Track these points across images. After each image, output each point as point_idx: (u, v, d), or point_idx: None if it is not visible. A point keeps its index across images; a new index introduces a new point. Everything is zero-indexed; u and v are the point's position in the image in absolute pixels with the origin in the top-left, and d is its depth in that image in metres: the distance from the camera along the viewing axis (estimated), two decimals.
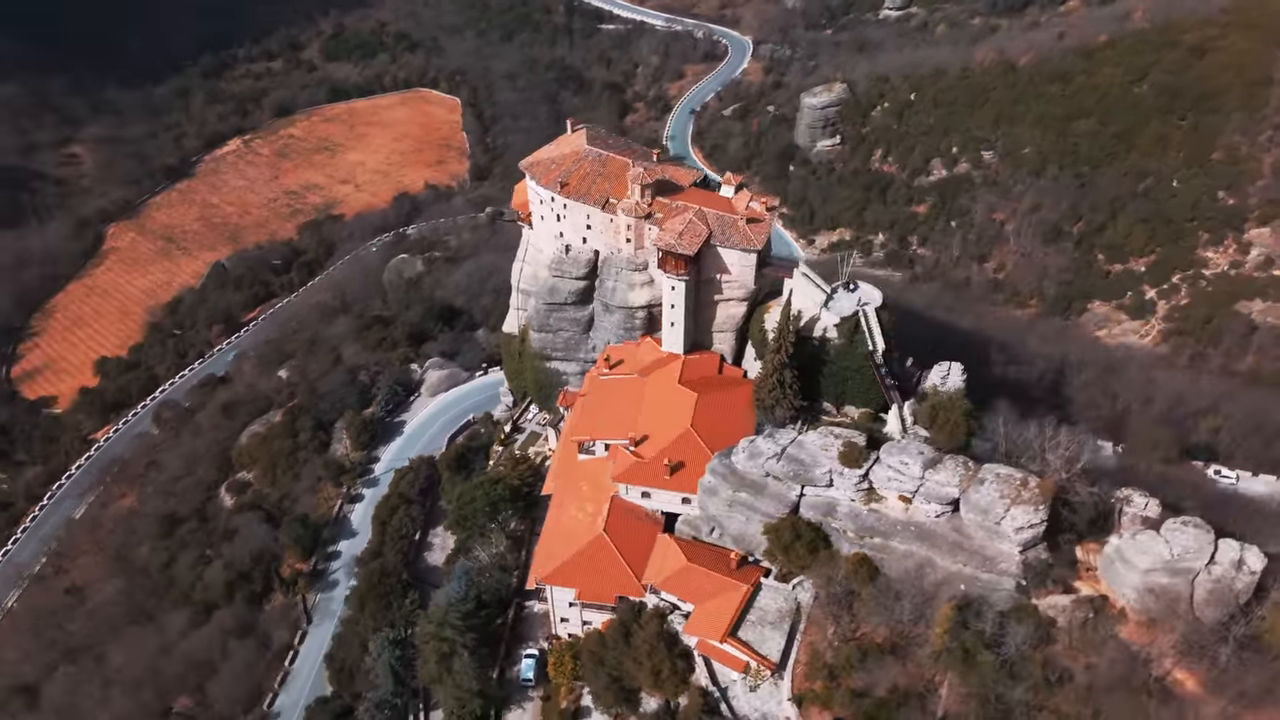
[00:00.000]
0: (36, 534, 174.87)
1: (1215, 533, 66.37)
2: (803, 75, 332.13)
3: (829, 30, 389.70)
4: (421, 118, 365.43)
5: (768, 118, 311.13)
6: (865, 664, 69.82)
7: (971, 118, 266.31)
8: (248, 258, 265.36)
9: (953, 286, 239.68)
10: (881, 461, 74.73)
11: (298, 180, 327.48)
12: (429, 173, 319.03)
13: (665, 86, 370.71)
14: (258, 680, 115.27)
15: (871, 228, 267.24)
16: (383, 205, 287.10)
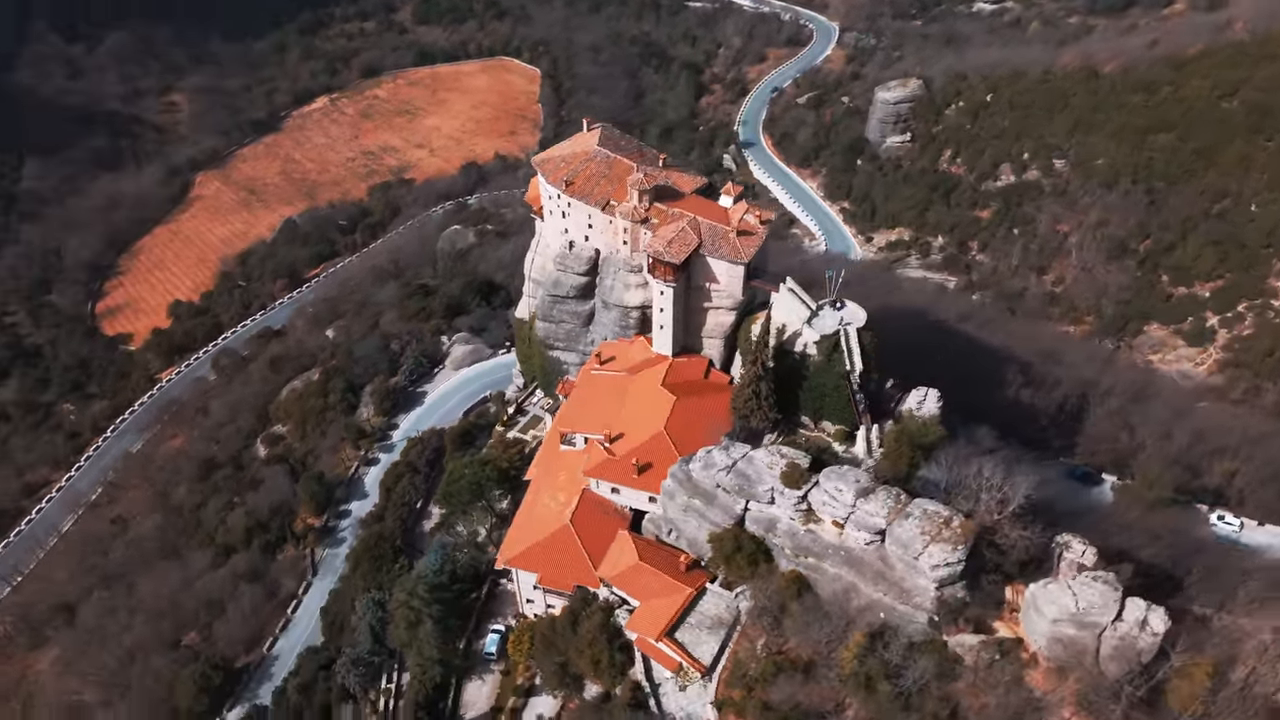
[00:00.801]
0: (97, 464, 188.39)
1: (1124, 590, 66.82)
2: (883, 67, 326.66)
3: (918, 21, 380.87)
4: (501, 86, 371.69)
5: (841, 109, 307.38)
6: (778, 678, 72.54)
7: (1047, 123, 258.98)
8: (318, 215, 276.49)
9: (1006, 296, 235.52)
10: (820, 485, 76.72)
11: (376, 141, 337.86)
12: (501, 143, 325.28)
13: (745, 69, 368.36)
14: (262, 624, 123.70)
15: (932, 229, 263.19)
16: (451, 172, 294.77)
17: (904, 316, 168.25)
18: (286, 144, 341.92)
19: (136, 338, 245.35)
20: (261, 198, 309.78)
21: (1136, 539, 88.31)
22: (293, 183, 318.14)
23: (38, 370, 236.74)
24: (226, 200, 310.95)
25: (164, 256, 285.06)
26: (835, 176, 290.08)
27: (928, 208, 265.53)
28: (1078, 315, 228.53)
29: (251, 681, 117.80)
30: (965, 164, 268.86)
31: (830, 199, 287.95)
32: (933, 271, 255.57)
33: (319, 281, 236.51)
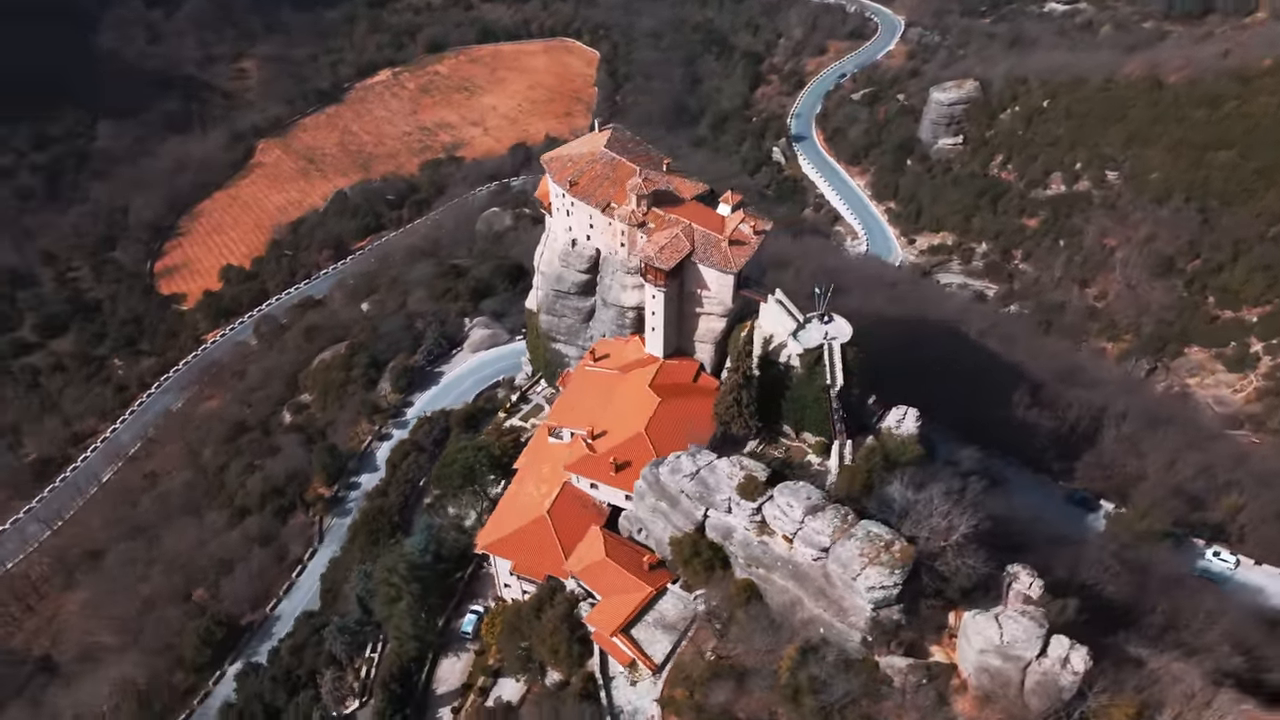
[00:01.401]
0: (140, 419, 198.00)
1: (1052, 627, 67.64)
2: (943, 66, 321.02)
3: (987, 19, 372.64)
4: (559, 68, 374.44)
5: (895, 107, 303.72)
6: (714, 682, 75.02)
7: (1103, 133, 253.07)
8: (369, 188, 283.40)
9: (1045, 308, 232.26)
10: (774, 499, 78.56)
11: (433, 117, 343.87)
12: (554, 124, 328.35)
13: (804, 61, 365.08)
14: (268, 585, 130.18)
15: (976, 235, 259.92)
16: (501, 152, 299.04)
17: (924, 326, 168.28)
18: (347, 115, 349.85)
19: (189, 298, 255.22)
20: (319, 167, 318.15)
21: (1104, 572, 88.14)
22: (349, 154, 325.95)
23: (95, 325, 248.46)
24: (285, 168, 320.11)
25: (222, 220, 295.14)
26: (884, 176, 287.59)
27: (974, 213, 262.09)
28: (1117, 332, 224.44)
29: (254, 639, 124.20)
30: (1016, 170, 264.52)
31: (877, 198, 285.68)
32: (974, 278, 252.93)
33: (362, 254, 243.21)
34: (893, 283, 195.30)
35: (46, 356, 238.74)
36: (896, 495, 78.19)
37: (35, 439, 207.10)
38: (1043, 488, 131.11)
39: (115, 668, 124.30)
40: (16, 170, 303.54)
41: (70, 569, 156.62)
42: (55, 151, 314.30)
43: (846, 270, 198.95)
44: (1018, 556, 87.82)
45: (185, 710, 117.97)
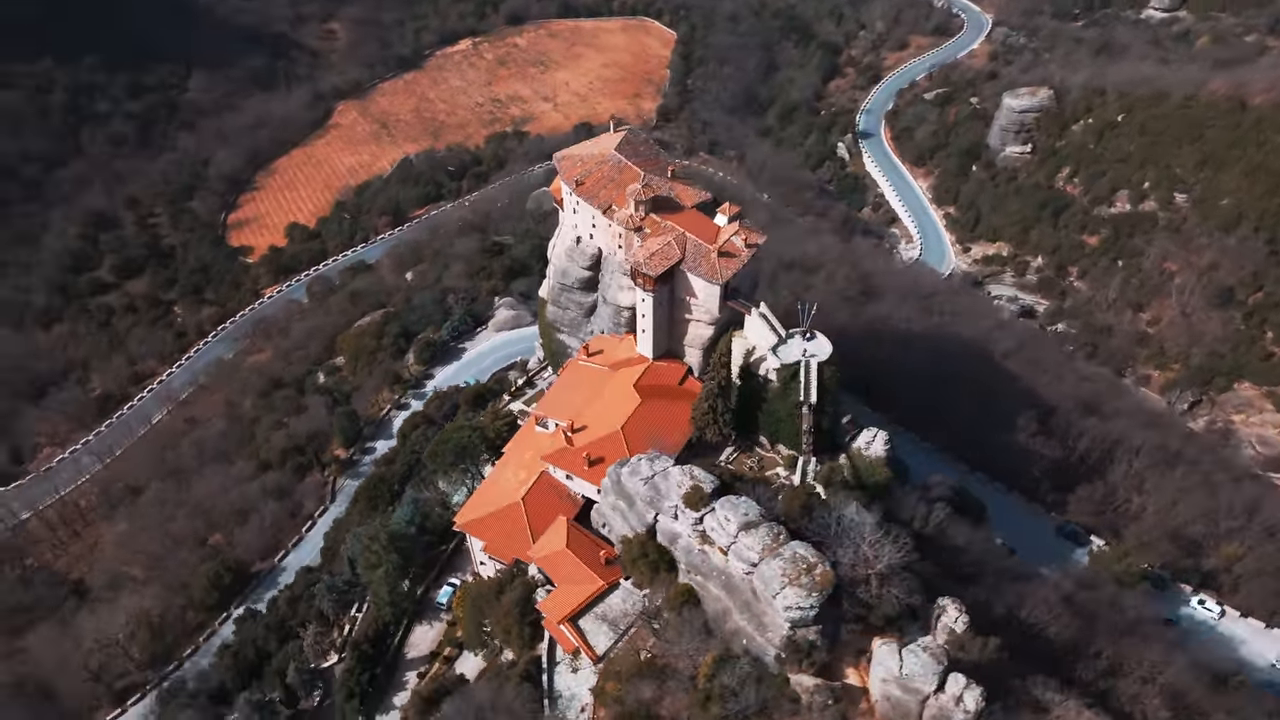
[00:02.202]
0: (193, 366, 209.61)
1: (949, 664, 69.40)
2: (1024, 69, 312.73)
3: (1079, 22, 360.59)
4: (636, 47, 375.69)
5: (966, 110, 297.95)
6: (637, 679, 78.90)
7: (1176, 153, 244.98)
8: (433, 157, 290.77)
9: (1094, 329, 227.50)
10: (715, 511, 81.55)
11: (506, 90, 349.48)
12: (621, 105, 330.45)
13: (883, 55, 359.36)
14: (278, 538, 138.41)
15: (1033, 248, 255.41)
16: (566, 129, 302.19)
17: (950, 342, 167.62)
18: (424, 82, 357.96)
19: (255, 252, 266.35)
20: (391, 132, 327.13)
21: (1047, 612, 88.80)
22: (422, 121, 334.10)
23: (168, 270, 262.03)
24: (360, 131, 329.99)
25: (295, 178, 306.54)
26: (947, 180, 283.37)
27: (1033, 225, 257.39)
28: (1165, 360, 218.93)
29: (260, 586, 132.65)
30: (1081, 185, 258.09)
31: (937, 203, 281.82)
32: (1025, 292, 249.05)
33: (418, 223, 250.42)
34: (929, 293, 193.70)
35: (120, 297, 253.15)
36: (830, 520, 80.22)
37: (102, 375, 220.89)
38: (1034, 517, 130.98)
39: (136, 598, 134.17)
40: (112, 117, 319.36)
41: (114, 502, 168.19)
42: (149, 101, 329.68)
43: (882, 276, 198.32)
44: (963, 588, 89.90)
45: (191, 645, 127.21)
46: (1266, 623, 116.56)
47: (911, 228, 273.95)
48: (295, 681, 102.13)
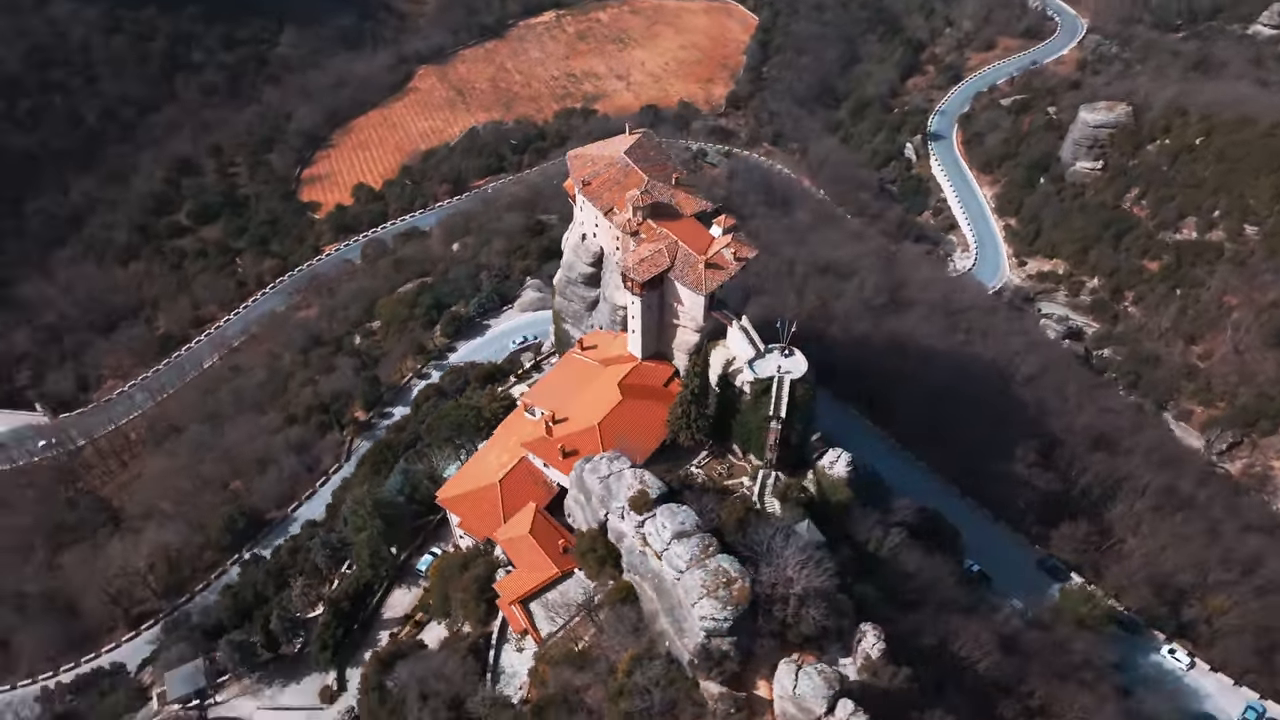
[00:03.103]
0: (248, 316, 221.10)
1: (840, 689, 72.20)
2: (1110, 81, 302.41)
3: (1180, 34, 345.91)
4: (716, 30, 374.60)
5: (1041, 119, 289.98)
6: (562, 666, 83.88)
7: (1253, 183, 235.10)
8: (500, 129, 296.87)
9: (1141, 357, 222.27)
10: (655, 517, 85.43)
11: (583, 65, 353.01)
12: (694, 89, 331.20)
13: (967, 55, 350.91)
14: (294, 490, 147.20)
15: (1090, 269, 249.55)
16: (633, 111, 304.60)
17: (971, 361, 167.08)
18: (504, 52, 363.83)
19: (323, 208, 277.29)
20: (466, 101, 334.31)
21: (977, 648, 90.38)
22: (498, 91, 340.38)
23: (240, 219, 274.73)
24: (437, 97, 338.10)
25: (369, 139, 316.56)
26: (1012, 190, 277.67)
27: (1093, 244, 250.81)
28: (1210, 397, 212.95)
29: (271, 534, 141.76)
30: (1149, 207, 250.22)
31: (999, 213, 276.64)
32: (1077, 313, 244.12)
33: (475, 194, 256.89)
34: (959, 309, 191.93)
35: (194, 242, 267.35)
36: (764, 537, 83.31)
37: (167, 316, 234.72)
38: (1018, 548, 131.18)
39: (161, 531, 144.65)
40: (205, 67, 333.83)
41: (158, 439, 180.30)
42: (241, 53, 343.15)
43: (916, 288, 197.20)
44: (902, 614, 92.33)
45: (203, 582, 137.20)
46: (1236, 679, 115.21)
47: (969, 236, 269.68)
48: (277, 628, 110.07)
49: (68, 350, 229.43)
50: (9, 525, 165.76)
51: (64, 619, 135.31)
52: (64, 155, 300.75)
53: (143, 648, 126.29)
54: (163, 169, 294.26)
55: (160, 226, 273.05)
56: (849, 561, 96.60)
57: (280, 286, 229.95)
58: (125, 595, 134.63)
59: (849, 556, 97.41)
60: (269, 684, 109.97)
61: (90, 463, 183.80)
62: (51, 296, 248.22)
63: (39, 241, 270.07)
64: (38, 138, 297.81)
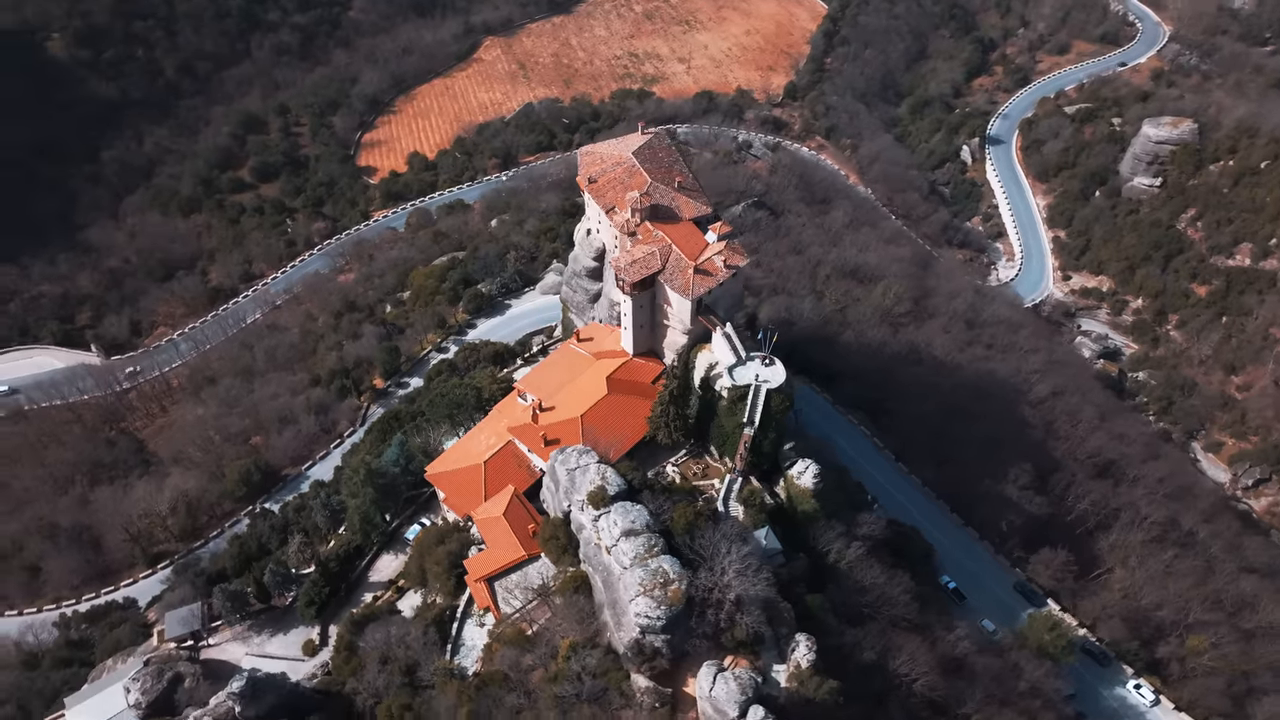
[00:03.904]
0: (293, 275, 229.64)
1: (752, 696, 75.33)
2: (1184, 94, 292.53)
3: (1268, 47, 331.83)
4: (783, 17, 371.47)
5: (1104, 130, 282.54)
6: (508, 647, 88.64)
7: None
8: (554, 106, 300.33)
9: (1174, 383, 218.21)
10: (609, 513, 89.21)
11: (646, 46, 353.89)
12: (753, 76, 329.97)
13: (1038, 58, 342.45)
14: (309, 449, 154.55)
15: (1135, 288, 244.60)
16: (688, 96, 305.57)
17: (984, 379, 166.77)
18: (570, 28, 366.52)
19: (378, 174, 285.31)
20: (528, 74, 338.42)
21: (914, 667, 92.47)
22: (559, 67, 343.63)
23: (299, 179, 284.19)
24: (500, 69, 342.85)
25: (430, 107, 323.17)
26: (1065, 201, 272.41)
27: (1142, 264, 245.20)
28: (1243, 430, 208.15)
29: (283, 489, 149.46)
30: (1204, 230, 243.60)
31: (1050, 223, 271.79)
32: (1117, 332, 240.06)
33: (521, 171, 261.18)
34: (989, 322, 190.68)
35: (254, 199, 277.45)
36: (709, 542, 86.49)
37: (219, 269, 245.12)
38: (997, 569, 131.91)
39: (184, 478, 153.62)
40: (280, 27, 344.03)
41: (196, 388, 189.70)
42: (314, 15, 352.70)
43: (947, 296, 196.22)
44: (849, 627, 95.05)
45: (217, 530, 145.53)
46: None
47: (1016, 246, 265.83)
48: (269, 580, 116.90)
49: (126, 295, 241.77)
50: (55, 458, 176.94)
51: (89, 552, 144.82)
52: (142, 105, 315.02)
53: (155, 586, 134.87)
54: (230, 125, 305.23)
55: (223, 181, 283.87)
56: (804, 571, 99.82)
57: (327, 249, 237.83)
58: (145, 535, 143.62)
59: (805, 566, 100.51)
60: (259, 632, 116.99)
61: (133, 405, 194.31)
62: (117, 242, 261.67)
63: (111, 188, 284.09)
64: (118, 87, 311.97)
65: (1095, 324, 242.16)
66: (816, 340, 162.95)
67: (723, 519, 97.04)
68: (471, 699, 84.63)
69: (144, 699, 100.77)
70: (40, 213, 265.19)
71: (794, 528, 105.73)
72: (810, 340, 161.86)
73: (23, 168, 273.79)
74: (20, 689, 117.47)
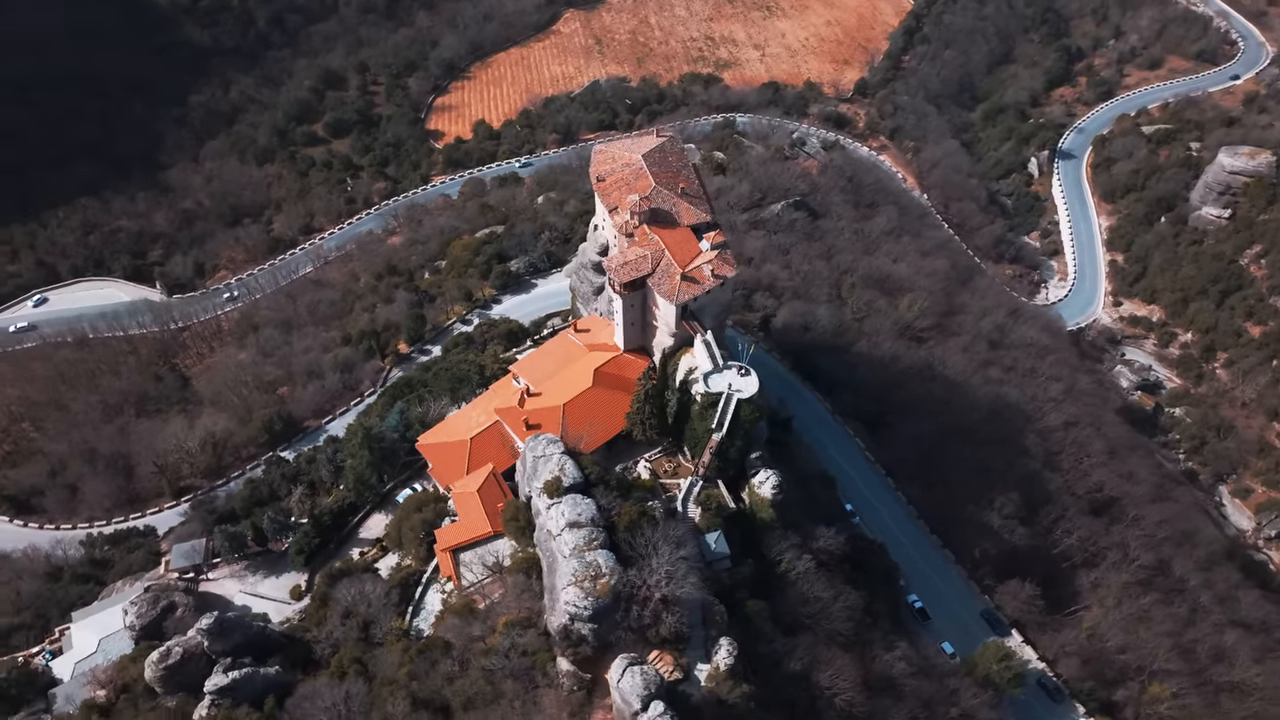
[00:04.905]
0: (348, 233, 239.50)
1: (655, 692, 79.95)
2: (1271, 123, 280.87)
3: None
4: (868, 10, 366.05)
5: (1180, 154, 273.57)
6: (453, 616, 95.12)
7: None
8: (621, 85, 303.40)
9: (1208, 424, 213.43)
10: (560, 503, 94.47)
11: (723, 29, 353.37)
12: (827, 70, 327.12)
13: (1126, 71, 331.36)
14: (331, 404, 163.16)
15: (1187, 322, 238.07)
16: (756, 84, 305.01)
17: (998, 402, 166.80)
18: (650, 6, 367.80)
19: (443, 139, 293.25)
20: (602, 51, 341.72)
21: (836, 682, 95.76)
22: (635, 45, 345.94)
23: (369, 137, 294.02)
24: (576, 43, 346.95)
25: (503, 76, 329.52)
26: (1128, 224, 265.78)
27: (1197, 298, 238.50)
28: (1278, 479, 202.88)
29: (301, 440, 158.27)
30: (1268, 268, 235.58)
31: (1109, 245, 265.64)
32: (1161, 364, 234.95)
33: (578, 149, 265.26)
34: (1014, 344, 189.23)
35: (324, 154, 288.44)
36: (647, 540, 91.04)
37: (283, 220, 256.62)
38: (968, 594, 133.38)
39: (215, 419, 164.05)
40: None
41: (243, 334, 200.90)
42: None
43: (976, 314, 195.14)
44: (782, 635, 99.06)
45: (238, 471, 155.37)
46: None
47: (1070, 265, 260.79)
48: (267, 526, 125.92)
49: (195, 236, 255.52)
50: (109, 387, 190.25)
51: (122, 479, 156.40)
52: (232, 54, 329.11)
53: (174, 518, 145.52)
54: (312, 79, 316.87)
55: (298, 134, 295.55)
56: (750, 576, 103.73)
57: (383, 210, 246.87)
58: (173, 469, 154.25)
59: (752, 572, 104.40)
60: (254, 573, 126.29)
61: (186, 344, 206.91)
62: (194, 185, 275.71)
63: (195, 132, 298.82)
64: (212, 35, 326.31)
65: (1140, 354, 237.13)
66: (828, 348, 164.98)
67: (678, 519, 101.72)
68: (412, 660, 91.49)
69: (138, 622, 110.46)
70: (127, 150, 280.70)
71: (751, 534, 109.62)
72: (821, 347, 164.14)
73: (117, 104, 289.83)
74: (41, 598, 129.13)
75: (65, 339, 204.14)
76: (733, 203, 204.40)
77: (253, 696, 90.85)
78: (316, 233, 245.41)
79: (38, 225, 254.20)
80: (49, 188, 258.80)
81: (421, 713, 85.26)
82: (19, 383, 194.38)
